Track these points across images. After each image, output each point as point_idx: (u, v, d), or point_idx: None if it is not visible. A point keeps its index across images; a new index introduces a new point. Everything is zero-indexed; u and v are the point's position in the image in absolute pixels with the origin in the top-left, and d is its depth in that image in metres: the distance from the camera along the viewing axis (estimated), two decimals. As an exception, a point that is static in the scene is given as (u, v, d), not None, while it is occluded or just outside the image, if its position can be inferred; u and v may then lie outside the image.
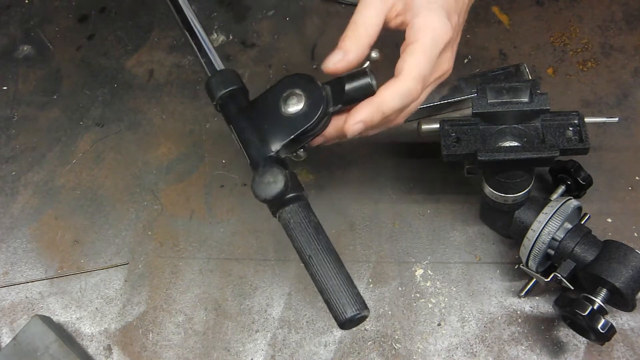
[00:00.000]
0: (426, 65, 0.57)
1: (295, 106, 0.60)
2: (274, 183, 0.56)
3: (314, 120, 0.59)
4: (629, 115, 0.84)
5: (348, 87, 0.59)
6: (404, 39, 0.60)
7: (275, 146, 0.59)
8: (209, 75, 0.65)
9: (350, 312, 0.53)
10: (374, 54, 0.63)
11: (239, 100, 0.63)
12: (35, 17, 0.95)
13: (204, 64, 0.66)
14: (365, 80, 0.59)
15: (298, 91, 0.60)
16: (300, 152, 0.61)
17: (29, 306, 0.77)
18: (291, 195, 0.57)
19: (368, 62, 0.63)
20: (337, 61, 0.59)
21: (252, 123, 0.61)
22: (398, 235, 0.79)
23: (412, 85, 0.57)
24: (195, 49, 0.66)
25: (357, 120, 0.57)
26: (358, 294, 0.54)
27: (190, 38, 0.67)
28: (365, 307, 0.53)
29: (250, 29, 0.94)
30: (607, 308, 0.66)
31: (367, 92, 0.59)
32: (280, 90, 0.61)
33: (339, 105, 0.60)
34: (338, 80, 0.60)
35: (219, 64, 0.65)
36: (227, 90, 0.62)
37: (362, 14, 0.60)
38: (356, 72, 0.60)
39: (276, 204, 0.58)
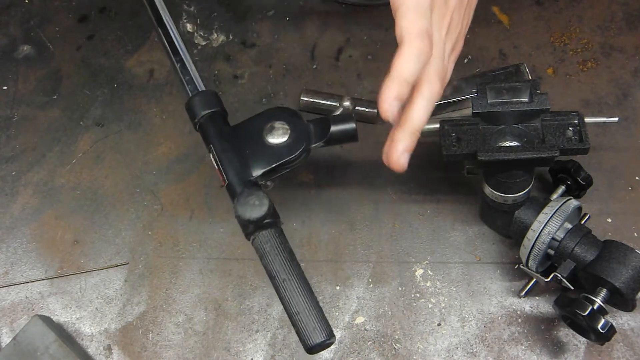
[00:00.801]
0: (420, 19, 0.56)
1: (279, 137, 0.63)
2: (259, 206, 0.58)
3: (296, 153, 0.62)
4: (629, 115, 0.84)
5: (334, 128, 0.64)
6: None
7: (256, 172, 0.62)
8: (190, 95, 0.66)
9: (317, 338, 0.55)
10: (346, 103, 0.70)
11: (219, 123, 0.64)
12: (35, 17, 0.95)
13: (185, 83, 0.67)
14: (351, 125, 0.64)
15: (283, 124, 0.63)
16: (269, 182, 0.64)
17: (29, 306, 0.77)
18: (269, 220, 0.59)
19: (341, 109, 0.69)
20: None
21: (233, 146, 0.63)
22: (398, 235, 0.79)
23: (416, 43, 0.56)
24: (178, 68, 0.67)
25: (388, 99, 0.56)
26: (326, 321, 0.56)
27: (172, 57, 0.68)
28: (332, 334, 0.56)
29: (250, 29, 0.94)
30: (607, 308, 0.66)
31: (351, 136, 0.64)
32: (265, 119, 0.64)
33: (320, 143, 0.64)
34: (322, 120, 0.64)
35: (200, 85, 0.67)
36: (208, 111, 0.64)
37: None
38: (343, 116, 0.65)
39: (254, 227, 0.59)
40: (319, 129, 0.64)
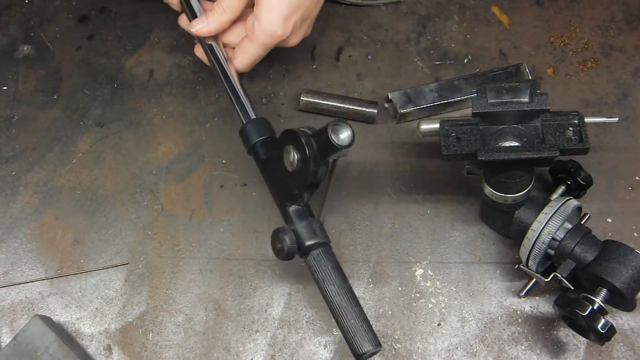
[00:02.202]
0: (258, 54, 0.76)
1: (291, 163, 0.65)
2: (282, 248, 0.65)
3: (307, 175, 0.64)
4: (629, 115, 0.84)
5: (314, 140, 0.63)
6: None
7: (291, 198, 0.67)
8: (243, 122, 0.72)
9: (367, 347, 0.62)
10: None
11: (266, 151, 0.71)
12: (35, 17, 0.95)
13: (238, 110, 0.73)
14: (325, 136, 0.61)
15: (291, 147, 0.65)
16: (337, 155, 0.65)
17: (29, 306, 0.77)
18: (311, 243, 0.65)
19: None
20: (200, 28, 0.75)
21: (274, 174, 0.69)
22: (398, 235, 0.79)
23: (242, 68, 0.77)
24: (232, 97, 0.74)
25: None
26: (374, 332, 0.63)
27: (227, 87, 0.75)
28: (379, 344, 0.63)
29: (250, 29, 0.94)
30: (607, 308, 0.66)
31: (330, 147, 0.62)
32: (280, 145, 0.66)
33: (323, 160, 0.65)
34: (316, 134, 0.64)
35: (251, 113, 0.73)
36: (260, 138, 0.71)
37: None
38: (321, 130, 0.62)
39: (299, 254, 0.66)
40: (318, 144, 0.64)
